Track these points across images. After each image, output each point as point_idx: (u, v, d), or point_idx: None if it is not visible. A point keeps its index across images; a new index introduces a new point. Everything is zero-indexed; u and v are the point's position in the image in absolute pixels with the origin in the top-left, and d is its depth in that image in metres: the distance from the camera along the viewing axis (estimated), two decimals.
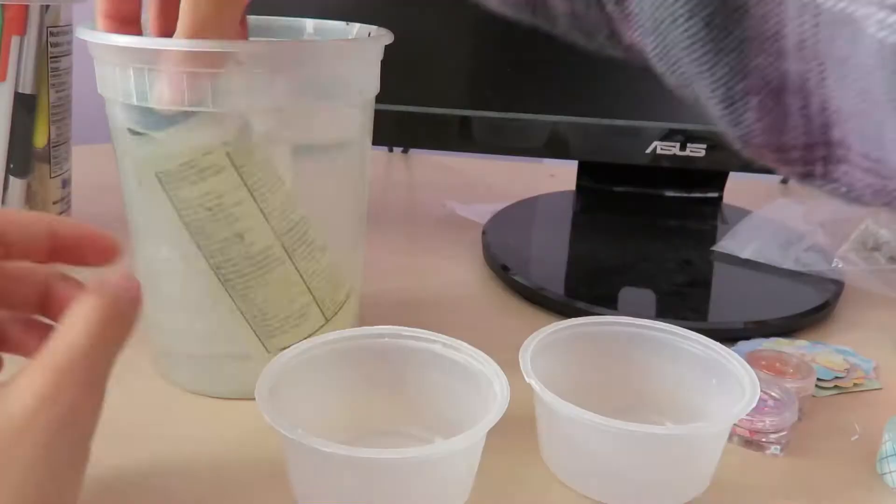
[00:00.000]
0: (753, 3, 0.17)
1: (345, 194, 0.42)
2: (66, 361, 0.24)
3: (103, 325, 0.25)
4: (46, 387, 0.23)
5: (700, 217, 0.67)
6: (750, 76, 0.18)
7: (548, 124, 0.58)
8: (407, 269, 0.59)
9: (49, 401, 0.23)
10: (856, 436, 0.40)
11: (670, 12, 0.18)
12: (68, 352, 0.24)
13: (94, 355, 0.25)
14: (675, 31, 0.19)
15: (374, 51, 0.40)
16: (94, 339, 0.25)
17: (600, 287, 0.54)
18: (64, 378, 0.24)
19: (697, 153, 0.57)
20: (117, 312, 0.26)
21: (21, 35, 0.51)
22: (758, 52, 0.18)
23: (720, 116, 0.20)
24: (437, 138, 0.60)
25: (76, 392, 0.24)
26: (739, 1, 0.17)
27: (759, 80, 0.18)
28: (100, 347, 0.25)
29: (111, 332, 0.26)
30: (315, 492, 0.32)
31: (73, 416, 0.24)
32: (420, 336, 0.38)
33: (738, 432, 0.39)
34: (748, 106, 0.19)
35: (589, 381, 0.39)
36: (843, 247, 0.59)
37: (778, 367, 0.42)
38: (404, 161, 0.91)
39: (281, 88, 0.36)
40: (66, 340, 0.25)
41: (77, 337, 0.25)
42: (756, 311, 0.51)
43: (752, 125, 0.19)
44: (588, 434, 0.34)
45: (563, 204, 0.70)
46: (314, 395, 0.36)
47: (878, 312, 0.54)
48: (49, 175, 0.55)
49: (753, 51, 0.18)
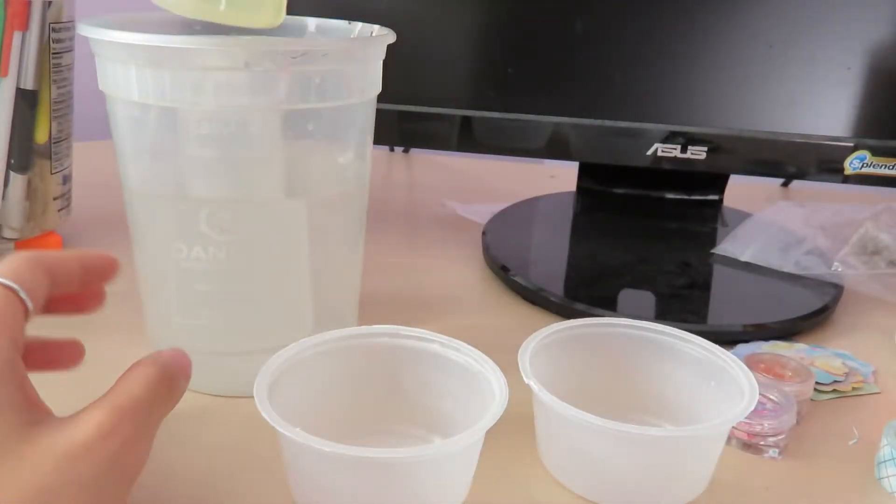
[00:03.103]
0: None
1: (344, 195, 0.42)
2: (126, 404, 0.27)
3: (157, 385, 0.28)
4: (106, 423, 0.26)
5: (700, 219, 0.67)
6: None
7: (549, 125, 0.58)
8: (407, 269, 0.59)
9: (107, 434, 0.26)
10: (854, 440, 0.40)
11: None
12: (128, 398, 0.27)
13: (147, 407, 0.28)
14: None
15: (376, 50, 0.40)
16: (149, 393, 0.28)
17: (600, 288, 0.54)
18: (123, 418, 0.26)
19: (698, 155, 0.57)
20: (170, 377, 0.29)
21: (23, 31, 0.51)
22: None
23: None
24: (438, 138, 0.60)
25: (130, 433, 0.27)
26: None
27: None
28: (153, 402, 0.28)
29: (163, 392, 0.29)
30: (313, 490, 0.32)
31: (125, 455, 0.26)
32: (419, 336, 0.38)
33: (737, 435, 0.39)
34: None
35: (588, 382, 0.39)
36: (842, 250, 0.59)
37: (777, 371, 0.42)
38: (405, 161, 0.91)
39: (283, 87, 0.36)
40: (126, 388, 0.28)
41: (136, 388, 0.28)
42: (755, 314, 0.51)
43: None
44: (586, 435, 0.34)
45: (563, 205, 0.70)
46: (312, 394, 0.36)
47: (878, 316, 0.54)
48: (50, 171, 0.55)
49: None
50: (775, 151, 0.56)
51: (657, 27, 0.55)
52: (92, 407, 0.27)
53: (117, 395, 0.27)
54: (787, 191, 0.85)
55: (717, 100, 0.56)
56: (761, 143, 0.56)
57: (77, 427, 0.26)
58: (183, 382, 0.30)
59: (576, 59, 0.56)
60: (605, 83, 0.57)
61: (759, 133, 0.56)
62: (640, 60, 0.55)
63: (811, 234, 0.62)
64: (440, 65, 0.59)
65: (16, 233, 0.54)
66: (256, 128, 0.37)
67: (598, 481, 0.35)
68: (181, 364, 0.30)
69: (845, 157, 0.55)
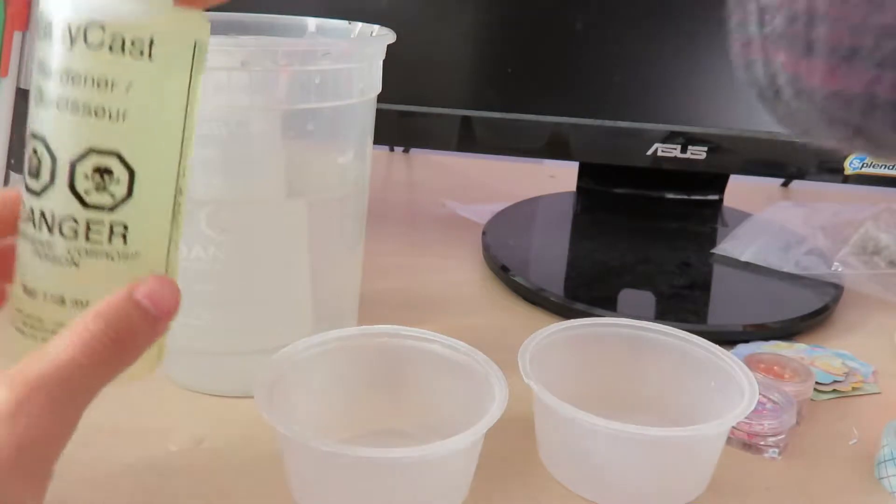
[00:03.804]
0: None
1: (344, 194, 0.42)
2: (35, 379, 0.22)
3: (97, 346, 0.23)
4: (6, 404, 0.21)
5: (700, 219, 0.67)
6: None
7: (549, 125, 0.58)
8: (406, 269, 0.59)
9: (6, 420, 0.21)
10: (854, 440, 0.40)
11: None
12: (42, 369, 0.22)
13: (72, 378, 0.22)
14: None
15: (376, 50, 0.40)
16: (80, 359, 0.22)
17: (600, 288, 0.54)
18: (29, 397, 0.21)
19: (698, 155, 0.57)
20: (116, 333, 0.23)
21: (23, 31, 0.51)
22: None
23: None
24: (438, 138, 0.60)
25: (39, 415, 0.21)
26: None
27: None
28: (85, 370, 0.22)
29: (106, 355, 0.23)
30: (313, 490, 0.32)
31: (31, 440, 0.21)
32: (419, 336, 0.38)
33: (737, 435, 0.39)
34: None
35: (588, 382, 0.39)
36: (842, 250, 0.59)
37: (777, 371, 0.42)
38: (405, 161, 0.91)
39: (282, 87, 0.36)
40: (46, 355, 0.22)
41: (59, 354, 0.22)
42: (755, 314, 0.51)
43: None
44: (586, 435, 0.34)
45: (563, 205, 0.70)
46: (313, 394, 0.36)
47: (878, 316, 0.54)
48: None
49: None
50: (775, 151, 0.56)
51: (657, 27, 0.55)
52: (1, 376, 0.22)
53: (31, 365, 0.22)
54: (787, 191, 0.85)
55: (717, 100, 0.56)
56: (761, 142, 0.56)
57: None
58: (142, 334, 0.24)
59: (576, 58, 0.56)
60: (605, 83, 0.57)
61: (759, 133, 0.55)
62: (640, 60, 0.55)
63: (811, 234, 0.62)
64: (440, 65, 0.59)
65: None
66: (256, 128, 0.37)
67: (597, 481, 0.35)
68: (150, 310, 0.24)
69: (845, 157, 0.55)
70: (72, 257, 0.26)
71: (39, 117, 0.26)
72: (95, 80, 0.25)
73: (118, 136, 0.26)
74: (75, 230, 0.26)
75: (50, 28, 0.25)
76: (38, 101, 0.26)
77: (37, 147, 0.26)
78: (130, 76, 0.26)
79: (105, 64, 0.25)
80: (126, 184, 0.26)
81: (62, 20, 0.25)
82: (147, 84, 0.26)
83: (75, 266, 0.26)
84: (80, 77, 0.25)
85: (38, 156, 0.26)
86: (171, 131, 0.28)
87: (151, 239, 0.28)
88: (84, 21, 0.25)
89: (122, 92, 0.26)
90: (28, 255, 0.26)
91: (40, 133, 0.26)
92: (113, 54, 0.25)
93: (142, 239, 0.27)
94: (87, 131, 0.26)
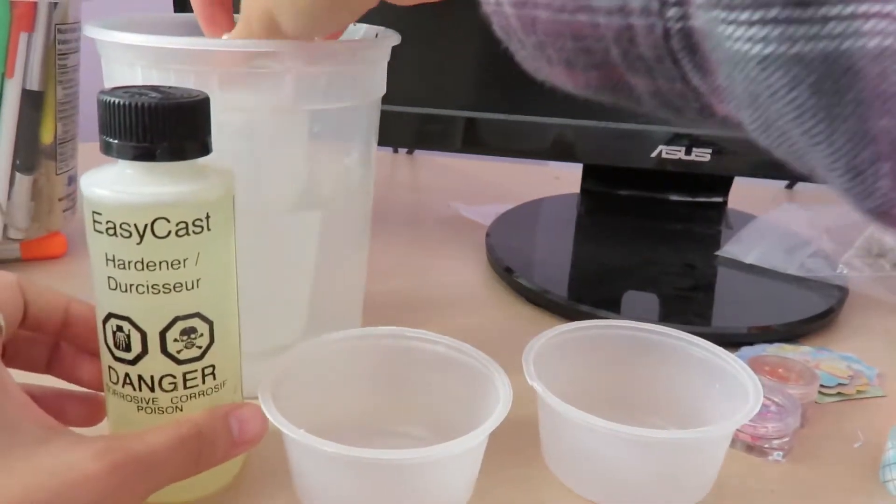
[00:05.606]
0: (866, 63, 0.15)
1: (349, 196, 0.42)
2: (136, 454, 0.26)
3: (179, 448, 0.27)
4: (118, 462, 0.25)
5: (705, 221, 0.66)
6: (876, 141, 0.16)
7: (553, 127, 0.58)
8: (411, 270, 0.59)
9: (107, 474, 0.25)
10: (859, 443, 0.40)
11: (766, 86, 0.16)
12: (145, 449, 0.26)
13: (157, 466, 0.26)
14: (776, 104, 0.17)
15: (381, 52, 0.40)
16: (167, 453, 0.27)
17: (604, 290, 0.54)
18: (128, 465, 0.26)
19: (703, 157, 0.57)
20: (198, 443, 0.28)
21: (29, 32, 0.51)
22: (880, 113, 0.16)
23: (846, 189, 0.18)
24: (443, 139, 0.60)
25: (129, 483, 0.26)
26: (846, 63, 0.15)
27: (889, 143, 0.16)
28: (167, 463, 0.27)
29: (183, 457, 0.27)
30: (318, 492, 0.32)
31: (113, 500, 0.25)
32: (423, 337, 0.38)
33: (741, 438, 0.39)
34: (880, 174, 0.17)
35: (592, 384, 0.39)
36: (848, 253, 0.59)
37: (781, 373, 0.42)
38: (409, 162, 0.91)
39: (288, 89, 0.36)
40: (149, 439, 0.27)
41: (156, 442, 0.27)
42: (760, 316, 0.51)
43: (888, 194, 0.17)
44: (591, 438, 0.34)
45: (567, 207, 0.70)
46: (317, 395, 0.36)
47: (883, 319, 0.54)
48: (55, 172, 0.55)
49: (875, 113, 0.16)
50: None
51: None
52: (105, 440, 0.26)
53: (135, 440, 0.27)
54: (792, 193, 0.85)
55: None
56: None
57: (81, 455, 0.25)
58: (221, 451, 0.29)
59: None
60: None
61: None
62: None
63: (816, 236, 0.62)
64: (445, 66, 0.59)
65: (21, 233, 0.54)
66: (261, 130, 0.37)
67: (602, 484, 0.35)
68: (229, 429, 0.29)
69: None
70: (175, 405, 0.30)
71: (117, 301, 0.29)
72: (169, 263, 0.28)
73: (197, 300, 0.29)
74: (174, 384, 0.30)
75: (114, 228, 0.28)
76: (114, 288, 0.29)
77: (122, 325, 0.29)
78: (198, 249, 0.29)
79: (175, 247, 0.28)
80: (208, 334, 0.30)
81: (127, 221, 0.27)
82: (212, 249, 0.29)
83: (180, 411, 0.30)
84: (155, 263, 0.28)
85: (125, 333, 0.29)
86: (230, 271, 0.31)
87: (231, 365, 0.32)
88: (150, 219, 0.27)
89: (192, 264, 0.29)
90: (130, 412, 0.30)
91: (123, 314, 0.29)
92: (180, 238, 0.28)
93: (226, 368, 0.31)
94: (169, 304, 0.29)
